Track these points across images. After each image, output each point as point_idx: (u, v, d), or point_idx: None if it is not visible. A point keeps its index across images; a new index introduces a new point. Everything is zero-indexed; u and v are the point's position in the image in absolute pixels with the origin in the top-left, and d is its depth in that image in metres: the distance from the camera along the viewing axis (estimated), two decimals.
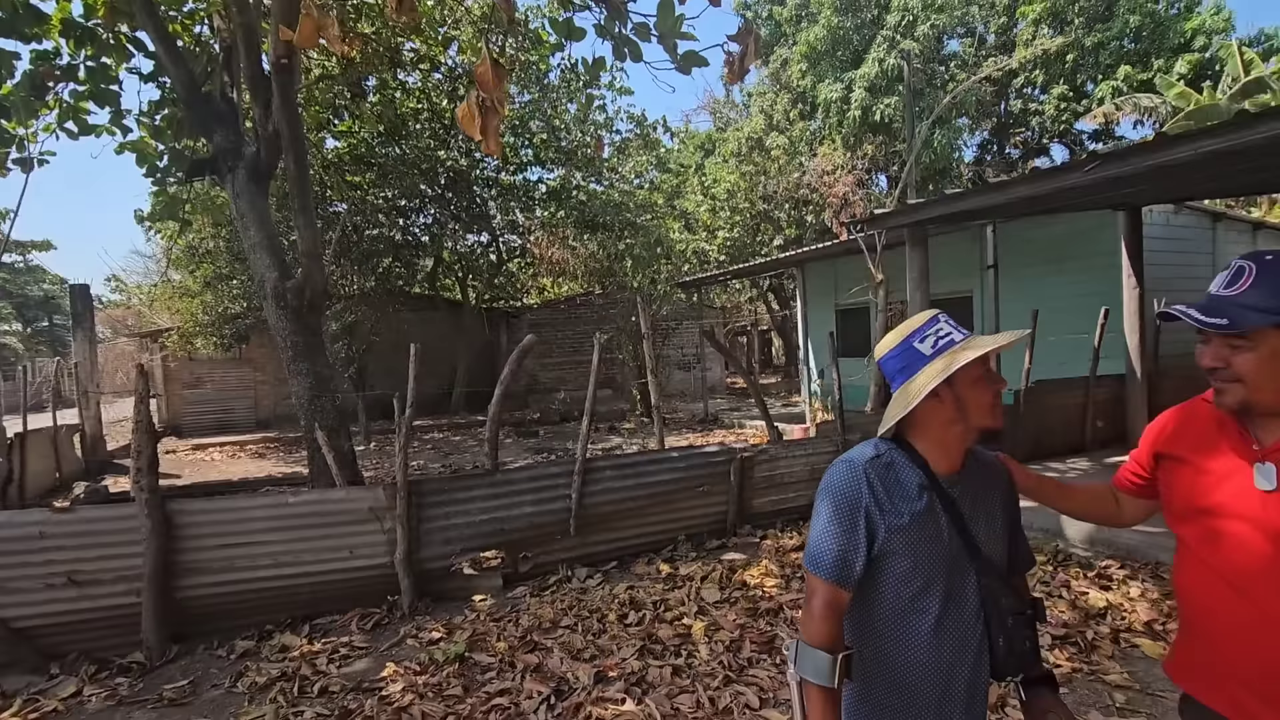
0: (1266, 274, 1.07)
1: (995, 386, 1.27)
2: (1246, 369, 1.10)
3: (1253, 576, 1.09)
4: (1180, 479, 1.27)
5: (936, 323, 1.30)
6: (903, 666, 1.26)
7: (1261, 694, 1.07)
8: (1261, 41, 18.78)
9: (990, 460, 1.42)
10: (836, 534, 1.25)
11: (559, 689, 3.08)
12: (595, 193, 14.94)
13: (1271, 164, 5.26)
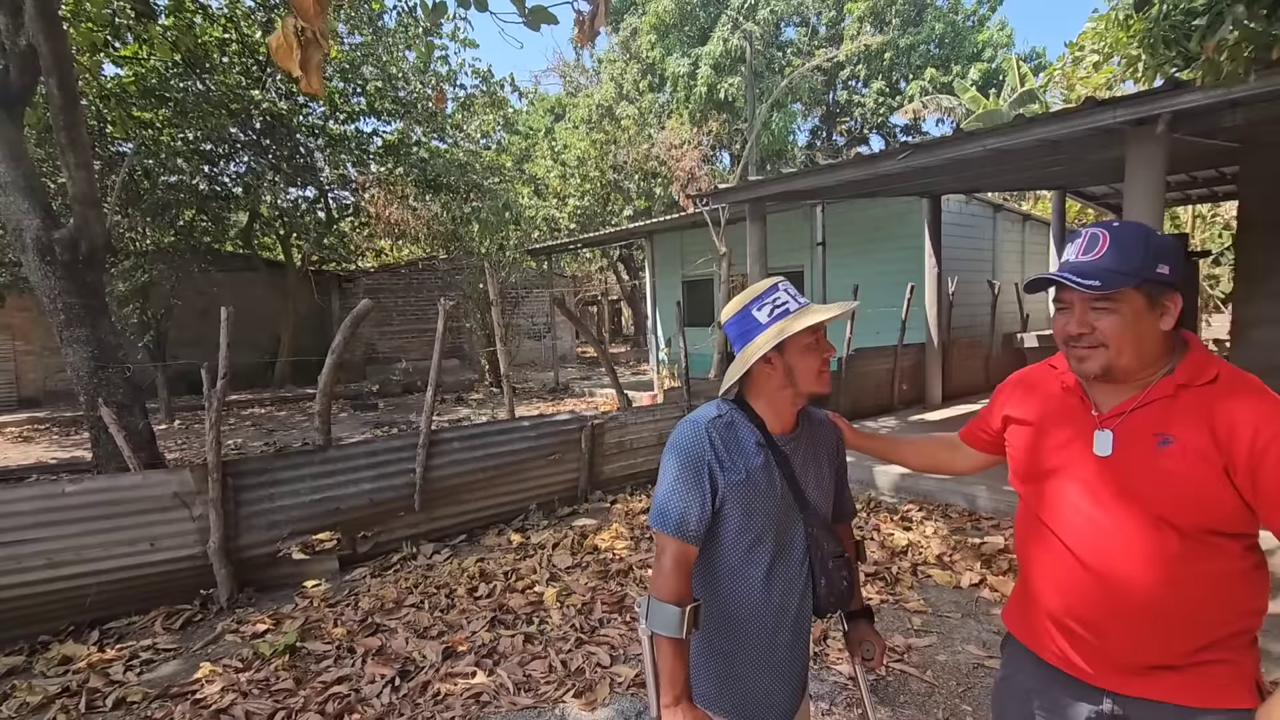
0: (1118, 240, 1.11)
1: (823, 355, 1.35)
2: (1111, 331, 1.11)
3: (1083, 535, 1.15)
4: (1025, 441, 1.31)
5: (775, 291, 1.36)
6: (738, 612, 1.35)
7: (1063, 627, 1.20)
8: (1033, 58, 21.91)
9: (821, 419, 1.53)
10: (682, 491, 1.29)
11: (405, 669, 2.95)
12: (438, 150, 14.07)
13: (1037, 164, 6.18)
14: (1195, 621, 1.09)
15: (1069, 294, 1.16)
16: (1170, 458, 1.08)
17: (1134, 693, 1.13)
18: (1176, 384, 1.12)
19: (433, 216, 13.12)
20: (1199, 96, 3.71)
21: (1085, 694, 1.19)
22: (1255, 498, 1.03)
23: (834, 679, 2.81)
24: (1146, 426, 1.12)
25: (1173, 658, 1.10)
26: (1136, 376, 1.15)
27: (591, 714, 2.59)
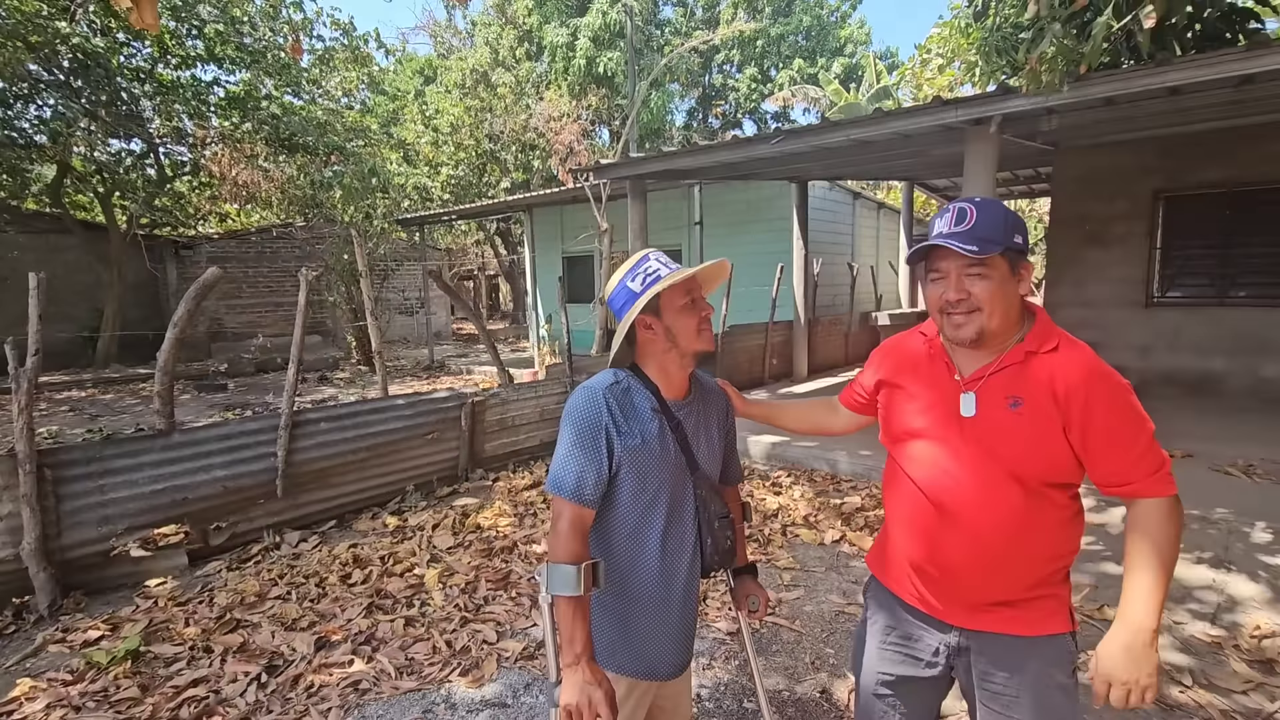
0: (984, 212, 1.21)
1: (700, 313, 1.41)
2: (985, 296, 1.20)
3: (943, 489, 1.27)
4: (896, 404, 1.40)
5: (646, 261, 1.42)
6: (634, 572, 1.40)
7: (920, 570, 1.36)
8: (888, 57, 23.61)
9: (712, 387, 1.61)
10: (579, 456, 1.31)
11: (272, 665, 2.76)
12: (293, 106, 12.85)
13: (891, 156, 6.73)
14: (1031, 563, 1.26)
15: (945, 263, 1.25)
16: (1021, 418, 1.21)
17: (977, 626, 1.31)
18: (1026, 350, 1.24)
19: (288, 179, 12.02)
20: (1023, 102, 4.19)
21: (936, 628, 1.36)
22: (1084, 452, 1.20)
23: (713, 636, 2.97)
24: (1001, 389, 1.24)
25: (1010, 595, 1.28)
26: (999, 341, 1.26)
27: (479, 690, 2.57)
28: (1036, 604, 1.27)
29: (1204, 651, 2.74)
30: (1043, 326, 1.28)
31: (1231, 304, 6.44)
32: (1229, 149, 6.26)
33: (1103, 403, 1.17)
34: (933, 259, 1.27)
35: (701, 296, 1.44)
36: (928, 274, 1.30)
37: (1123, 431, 1.18)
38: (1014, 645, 1.28)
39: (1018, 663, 1.27)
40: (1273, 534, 3.61)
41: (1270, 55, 3.48)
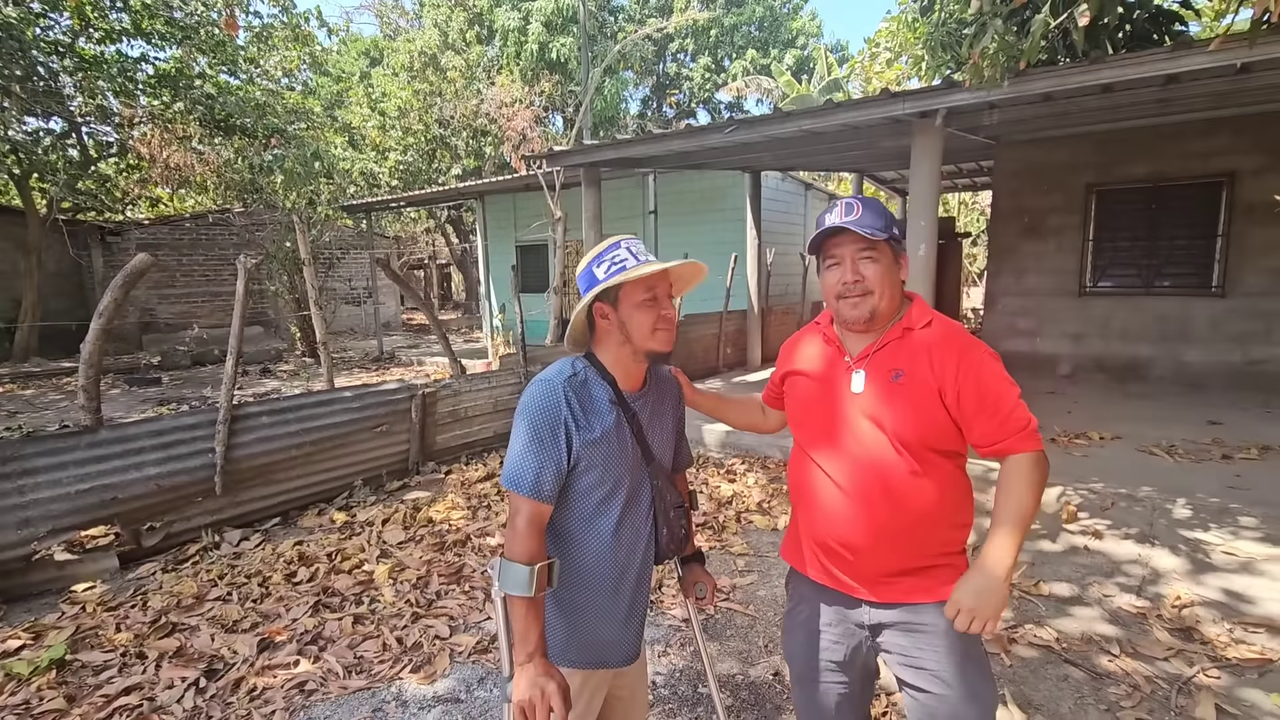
0: (868, 206, 1.35)
1: (658, 311, 1.36)
2: (876, 278, 1.34)
3: (842, 465, 1.36)
4: (798, 389, 1.51)
5: (615, 248, 1.38)
6: (588, 563, 1.38)
7: (825, 548, 1.42)
8: (839, 50, 23.97)
9: (665, 375, 1.60)
10: (537, 451, 1.28)
11: (211, 669, 2.65)
12: (229, 86, 12.25)
13: (841, 147, 6.84)
14: (925, 531, 1.35)
15: (840, 250, 1.37)
16: (901, 388, 1.33)
17: (882, 598, 1.38)
18: (904, 328, 1.38)
19: (224, 163, 11.46)
20: (967, 96, 4.31)
21: (851, 606, 1.43)
22: (960, 416, 1.31)
23: (668, 623, 2.99)
24: (885, 364, 1.36)
25: (910, 564, 1.36)
26: (884, 321, 1.39)
27: (430, 687, 2.52)
28: (935, 572, 1.37)
29: (1130, 622, 2.90)
30: (919, 308, 1.42)
31: (1156, 293, 6.79)
32: (1154, 146, 6.58)
33: (973, 369, 1.30)
34: (829, 247, 1.39)
35: (665, 295, 1.39)
36: (823, 262, 1.42)
37: (992, 395, 1.29)
38: (922, 613, 1.36)
39: (928, 630, 1.35)
40: (1192, 510, 3.84)
41: (1192, 56, 3.66)
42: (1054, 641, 2.75)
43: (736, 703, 2.45)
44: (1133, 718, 2.29)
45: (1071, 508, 3.99)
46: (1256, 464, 4.57)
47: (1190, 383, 6.64)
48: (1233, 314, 6.38)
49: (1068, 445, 5.08)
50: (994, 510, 1.32)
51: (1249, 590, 3.09)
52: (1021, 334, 7.51)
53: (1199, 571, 3.28)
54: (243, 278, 4.20)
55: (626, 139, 6.30)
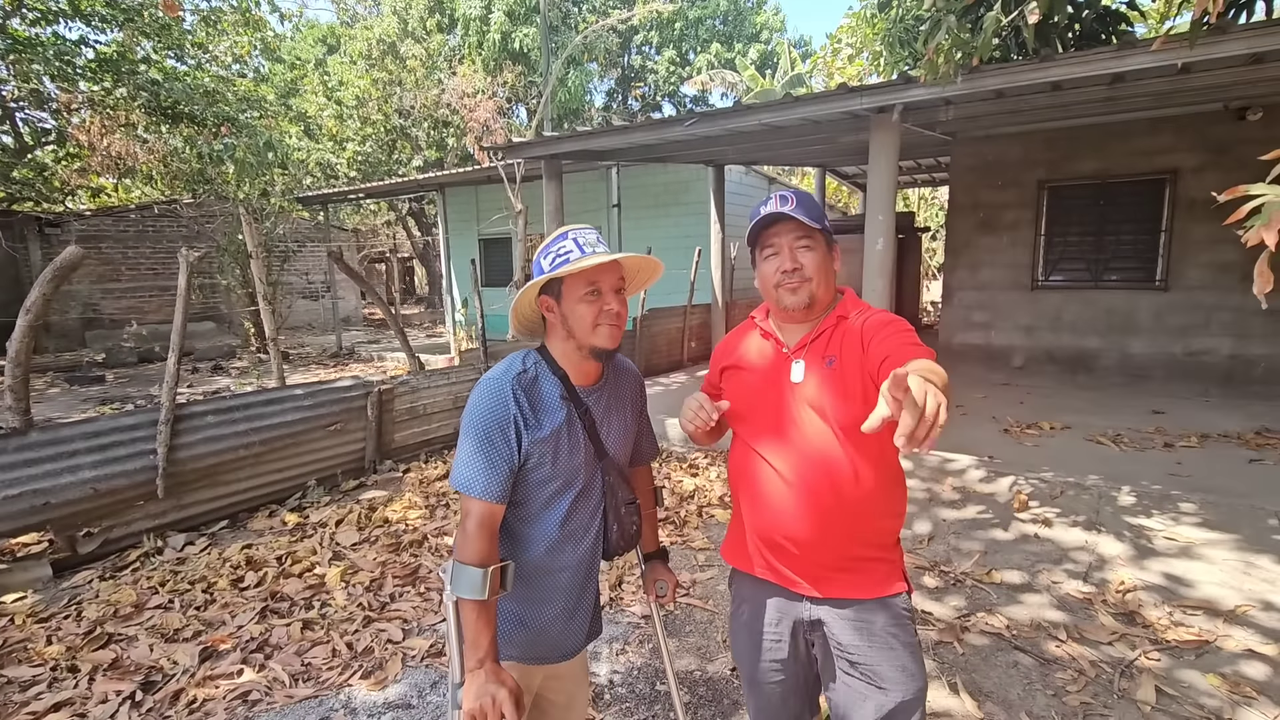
0: (801, 199, 1.38)
1: (601, 305, 1.31)
2: (813, 265, 1.37)
3: (786, 455, 1.36)
4: (738, 384, 1.49)
5: (562, 239, 1.33)
6: (533, 558, 1.35)
7: (770, 542, 1.41)
8: (802, 45, 24.16)
9: (627, 367, 1.57)
10: (487, 452, 1.25)
11: (149, 681, 2.54)
12: (175, 72, 11.77)
13: (803, 142, 6.87)
14: (867, 520, 1.36)
15: (777, 239, 1.39)
16: (835, 372, 1.35)
17: (827, 594, 1.39)
18: (838, 316, 1.42)
19: (171, 152, 11.01)
20: (922, 92, 4.36)
21: (793, 602, 1.43)
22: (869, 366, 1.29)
23: (627, 620, 2.97)
24: (820, 352, 1.39)
25: (850, 557, 1.37)
26: (820, 310, 1.42)
27: (381, 693, 2.45)
28: (874, 566, 1.39)
29: (1077, 608, 2.98)
30: (850, 299, 1.46)
31: (1104, 287, 7.01)
32: (1102, 144, 6.77)
33: (887, 330, 1.31)
34: (766, 238, 1.41)
35: (612, 289, 1.33)
36: (761, 253, 1.43)
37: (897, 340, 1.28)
38: (861, 609, 1.37)
39: (866, 626, 1.37)
40: (1136, 497, 3.97)
41: (1136, 55, 3.76)
42: (1004, 629, 2.81)
43: (694, 699, 2.44)
44: (1077, 701, 2.35)
45: (1023, 496, 4.09)
46: (1196, 451, 4.74)
47: (1135, 373, 6.87)
48: (1174, 307, 6.62)
49: (1020, 436, 5.21)
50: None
51: (1188, 574, 3.20)
52: (977, 327, 7.68)
53: (1142, 557, 3.39)
54: (185, 271, 4.02)
55: (587, 130, 6.22)
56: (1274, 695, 2.34)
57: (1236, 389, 6.37)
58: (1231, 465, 4.41)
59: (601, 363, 1.41)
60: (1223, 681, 2.42)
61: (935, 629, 2.82)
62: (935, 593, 3.16)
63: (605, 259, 1.29)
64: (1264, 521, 3.61)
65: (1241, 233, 1.43)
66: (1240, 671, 2.48)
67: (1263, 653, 2.58)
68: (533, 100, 19.50)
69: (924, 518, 4.00)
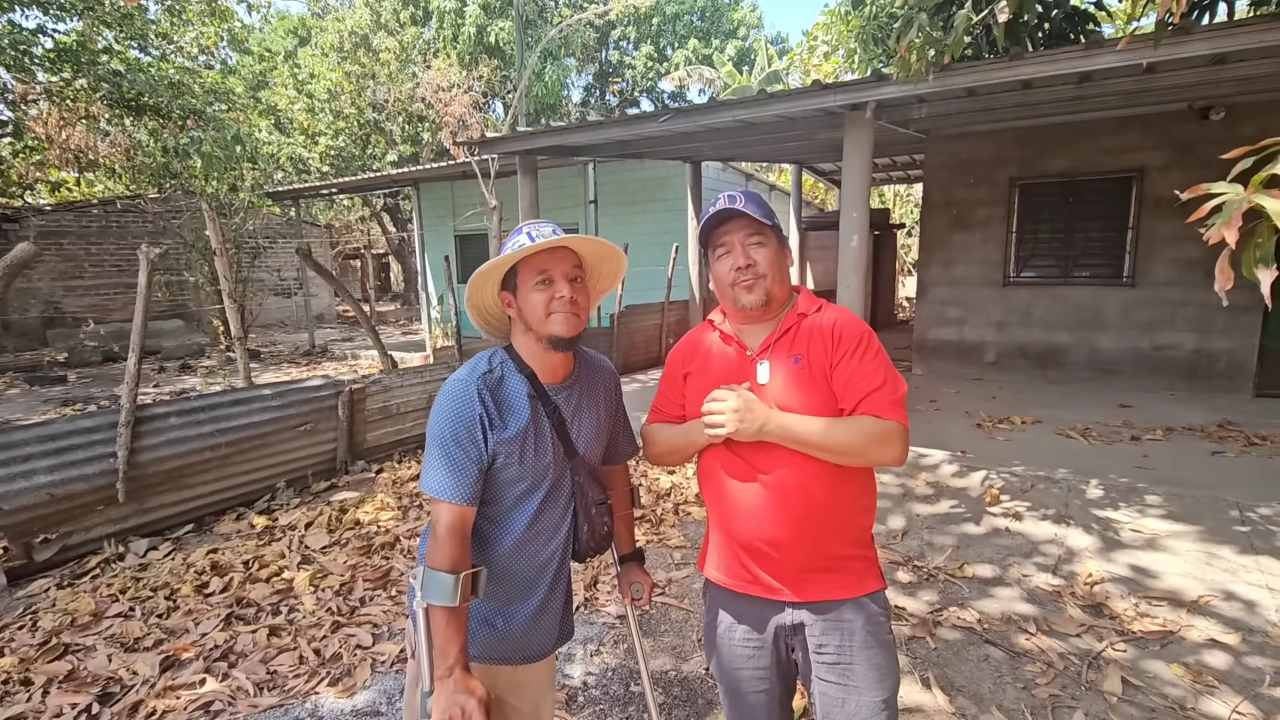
0: (750, 197, 1.38)
1: (551, 293, 1.28)
2: (766, 261, 1.36)
3: (756, 454, 1.34)
4: (701, 389, 1.41)
5: (517, 234, 1.31)
6: (500, 559, 1.33)
7: (750, 548, 1.38)
8: (779, 42, 24.23)
9: (601, 364, 1.53)
10: (455, 455, 1.22)
11: (106, 692, 2.46)
12: (139, 63, 11.43)
13: (779, 138, 6.89)
14: (841, 516, 1.36)
15: (729, 237, 1.39)
16: (802, 371, 1.35)
17: (806, 597, 1.38)
18: (799, 314, 1.41)
19: (134, 145, 10.70)
20: (895, 89, 4.37)
21: (773, 610, 1.41)
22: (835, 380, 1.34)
23: (602, 620, 2.95)
24: (785, 351, 1.38)
25: (828, 558, 1.37)
26: (777, 308, 1.42)
27: (349, 700, 2.40)
28: (852, 565, 1.39)
29: (1046, 600, 3.02)
30: (806, 296, 1.46)
31: (1074, 283, 7.13)
32: (1071, 142, 6.88)
33: (855, 342, 1.34)
34: (717, 237, 1.41)
35: (565, 276, 1.30)
36: (714, 253, 1.42)
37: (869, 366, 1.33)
38: (841, 609, 1.37)
39: (846, 627, 1.36)
40: (1104, 490, 4.04)
41: (1104, 54, 3.81)
42: (976, 623, 2.84)
43: (669, 699, 2.43)
44: (1046, 694, 2.37)
45: (995, 491, 4.14)
46: (1161, 444, 4.85)
47: (1103, 368, 7.01)
48: (1141, 303, 6.76)
49: (991, 430, 5.28)
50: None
51: (1153, 566, 3.26)
52: (950, 323, 7.77)
53: (1109, 549, 3.45)
54: (145, 269, 3.90)
55: (562, 126, 6.16)
56: (1235, 684, 2.39)
57: (1200, 383, 6.52)
58: (1195, 458, 4.51)
59: (567, 355, 1.38)
60: (1186, 671, 2.47)
61: (908, 624, 2.84)
62: (909, 588, 3.18)
63: (550, 243, 1.26)
64: (1225, 513, 3.69)
65: (1203, 230, 1.45)
66: (1203, 661, 2.53)
67: (1224, 642, 2.64)
68: (509, 95, 19.31)
69: (898, 513, 4.03)
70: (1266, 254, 1.44)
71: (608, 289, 1.51)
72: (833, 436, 1.28)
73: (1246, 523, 3.58)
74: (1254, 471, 4.22)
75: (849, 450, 1.29)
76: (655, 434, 1.53)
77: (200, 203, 8.88)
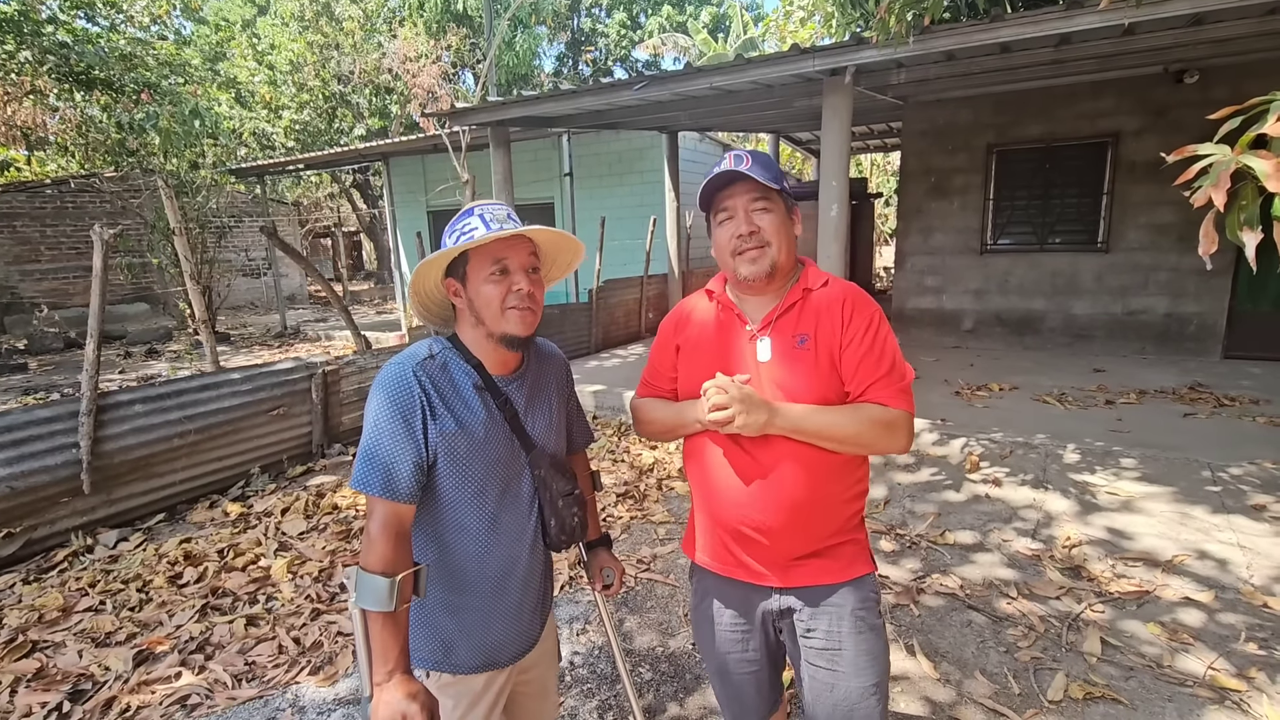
0: (757, 158, 1.29)
1: (508, 285, 1.19)
2: (772, 228, 1.28)
3: (752, 438, 1.26)
4: (695, 363, 1.37)
5: (467, 216, 1.22)
6: (464, 565, 1.25)
7: (737, 534, 1.33)
8: (754, 8, 23.81)
9: (551, 352, 1.46)
10: (388, 444, 1.13)
11: (78, 689, 2.39)
12: (87, 34, 10.88)
13: (756, 106, 6.76)
14: (833, 505, 1.32)
15: (732, 201, 1.29)
16: (807, 353, 1.28)
17: (795, 583, 1.34)
18: (804, 289, 1.33)
19: (86, 121, 10.24)
20: (874, 53, 4.29)
21: (761, 595, 1.37)
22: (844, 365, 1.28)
23: (588, 599, 2.92)
24: (789, 329, 1.30)
25: (819, 544, 1.32)
26: (782, 280, 1.33)
27: (331, 689, 2.36)
28: (842, 550, 1.35)
29: (1026, 565, 3.06)
30: (812, 269, 1.37)
31: (1050, 250, 7.17)
32: (1048, 107, 6.85)
33: (866, 325, 1.28)
34: (720, 200, 1.31)
35: (522, 267, 1.21)
36: (715, 218, 1.33)
37: (877, 350, 1.27)
38: (830, 594, 1.33)
39: (835, 612, 1.33)
40: (1080, 454, 4.10)
41: (1084, 15, 3.76)
42: (958, 589, 2.87)
43: (656, 675, 2.42)
44: (1028, 657, 2.41)
45: (974, 458, 4.18)
46: (1135, 407, 4.92)
47: (1078, 333, 7.09)
48: (1115, 268, 6.82)
49: (970, 398, 5.32)
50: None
51: (1129, 527, 3.32)
52: (929, 291, 7.79)
53: (1086, 512, 3.50)
54: (100, 250, 3.72)
55: (534, 95, 5.98)
56: (1209, 641, 2.44)
57: (1172, 346, 6.63)
58: (1168, 420, 4.59)
59: (519, 351, 1.29)
60: (1162, 630, 2.51)
61: (892, 593, 2.86)
62: (892, 556, 3.20)
63: (509, 232, 1.17)
64: (1197, 473, 3.76)
65: (1188, 193, 1.41)
66: (1178, 619, 2.58)
67: (1198, 600, 2.69)
68: (479, 65, 18.78)
69: (880, 482, 4.05)
70: (1251, 216, 1.41)
71: (560, 277, 1.42)
72: (839, 428, 1.23)
73: (1218, 483, 3.66)
74: (1224, 432, 4.30)
75: (856, 441, 1.24)
76: (647, 410, 1.46)
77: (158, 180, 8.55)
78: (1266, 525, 3.23)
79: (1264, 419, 4.50)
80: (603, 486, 1.68)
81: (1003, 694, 2.23)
